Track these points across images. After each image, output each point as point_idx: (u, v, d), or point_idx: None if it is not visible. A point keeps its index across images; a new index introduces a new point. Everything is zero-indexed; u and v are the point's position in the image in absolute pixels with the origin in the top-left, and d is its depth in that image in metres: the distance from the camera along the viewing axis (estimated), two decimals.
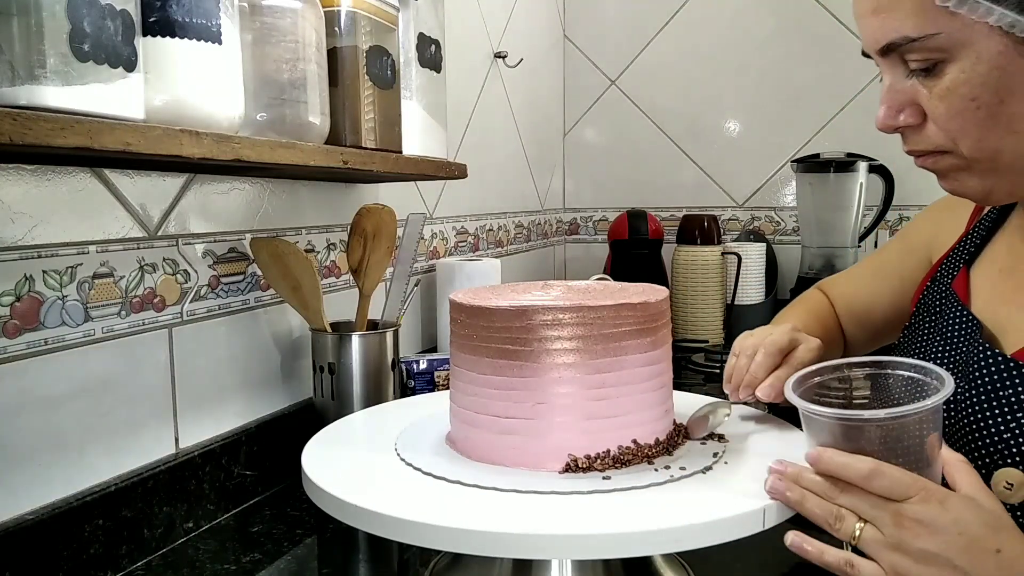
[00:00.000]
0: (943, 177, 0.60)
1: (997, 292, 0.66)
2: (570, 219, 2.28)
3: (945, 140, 0.57)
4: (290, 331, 1.01)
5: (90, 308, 0.72)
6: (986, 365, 0.61)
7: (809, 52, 1.95)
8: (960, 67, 0.53)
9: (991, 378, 0.60)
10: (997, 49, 0.52)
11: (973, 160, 0.56)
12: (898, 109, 0.58)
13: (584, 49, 2.20)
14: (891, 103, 0.58)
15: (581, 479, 0.58)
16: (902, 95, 0.57)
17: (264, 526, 0.84)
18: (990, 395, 0.59)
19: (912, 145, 0.60)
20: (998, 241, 0.69)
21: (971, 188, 0.59)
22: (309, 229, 1.05)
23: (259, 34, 0.73)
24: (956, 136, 0.56)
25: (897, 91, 0.57)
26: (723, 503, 0.53)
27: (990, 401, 0.59)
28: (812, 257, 1.85)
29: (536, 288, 0.71)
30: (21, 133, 0.47)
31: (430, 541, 0.51)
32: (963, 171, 0.58)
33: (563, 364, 0.60)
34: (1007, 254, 0.67)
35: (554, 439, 0.60)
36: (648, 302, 0.63)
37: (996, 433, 0.58)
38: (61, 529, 0.67)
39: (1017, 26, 0.50)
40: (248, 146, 0.67)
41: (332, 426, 0.75)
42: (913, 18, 0.53)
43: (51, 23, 0.48)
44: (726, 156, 2.08)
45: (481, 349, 0.62)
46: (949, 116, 0.55)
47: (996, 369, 0.60)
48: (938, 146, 0.57)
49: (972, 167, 0.57)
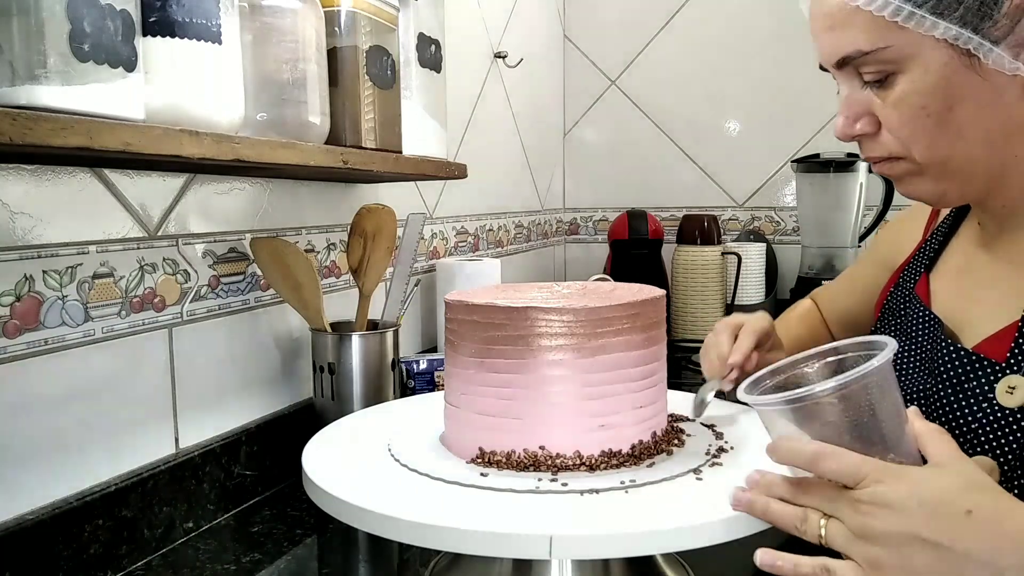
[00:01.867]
0: (899, 182, 0.64)
1: (955, 292, 0.69)
2: (570, 219, 2.28)
3: (899, 147, 0.60)
4: (290, 331, 1.01)
5: (90, 308, 0.72)
6: (949, 359, 0.64)
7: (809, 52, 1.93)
8: (910, 78, 0.57)
9: (955, 371, 0.63)
10: (943, 60, 0.55)
11: (925, 165, 0.60)
12: (855, 118, 0.62)
13: (584, 49, 2.19)
14: (848, 113, 0.62)
15: (580, 479, 0.58)
16: (858, 105, 0.61)
17: (264, 526, 0.84)
18: (955, 388, 0.62)
19: (869, 152, 0.63)
20: (953, 246, 0.73)
21: (925, 192, 0.63)
22: (309, 229, 1.05)
23: (259, 34, 0.73)
24: (908, 143, 0.59)
25: (853, 101, 0.61)
26: (723, 503, 0.53)
27: (956, 393, 0.62)
28: (812, 257, 1.85)
29: (532, 289, 0.72)
30: (21, 133, 0.47)
31: (430, 541, 0.51)
32: (917, 176, 0.62)
33: (557, 364, 0.60)
34: (962, 257, 0.71)
35: (549, 439, 0.60)
36: (640, 301, 0.63)
37: (964, 424, 0.61)
38: (61, 529, 0.67)
39: (960, 39, 0.54)
40: (248, 146, 0.67)
41: (332, 426, 0.76)
42: (866, 33, 0.57)
43: (51, 23, 0.48)
44: (726, 156, 2.08)
45: (475, 349, 0.62)
46: (901, 124, 0.59)
47: (959, 362, 0.63)
48: (892, 152, 0.61)
49: (925, 172, 0.61)
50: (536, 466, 0.60)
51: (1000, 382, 0.59)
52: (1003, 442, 0.58)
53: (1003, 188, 0.62)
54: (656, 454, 0.63)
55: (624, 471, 0.60)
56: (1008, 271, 0.64)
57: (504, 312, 0.61)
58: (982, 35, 0.54)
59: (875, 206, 1.83)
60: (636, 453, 0.62)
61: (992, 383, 0.60)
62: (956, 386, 0.62)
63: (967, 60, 0.55)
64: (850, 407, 0.50)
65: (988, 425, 0.59)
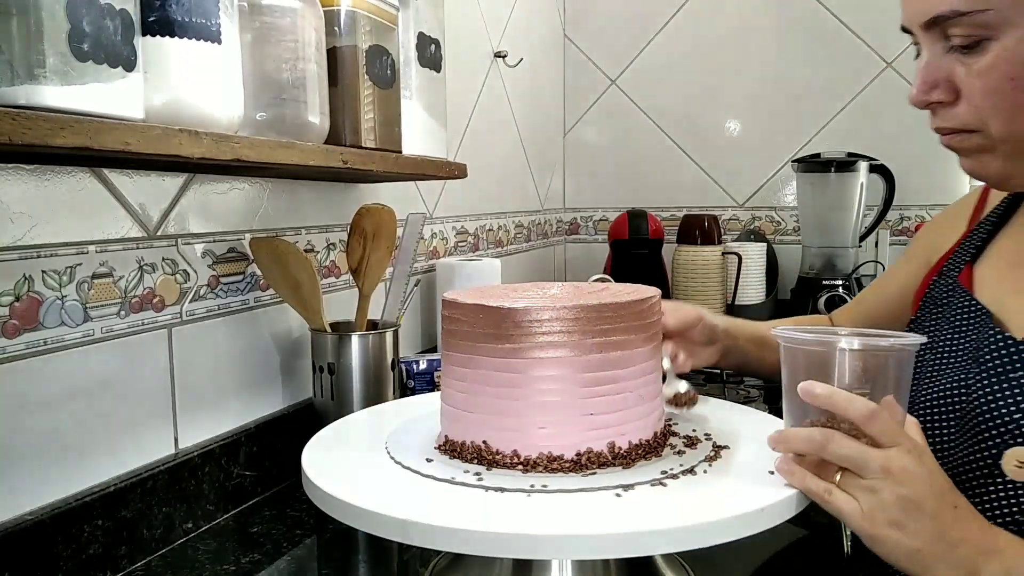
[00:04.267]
0: (966, 156, 0.61)
1: (1004, 283, 0.67)
2: (570, 219, 2.28)
3: (975, 119, 0.58)
4: (290, 331, 1.01)
5: (89, 308, 0.72)
6: (996, 348, 0.62)
7: (809, 52, 1.95)
8: (1003, 44, 0.54)
9: (1002, 360, 0.62)
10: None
11: (1000, 141, 0.58)
12: (933, 84, 0.59)
13: (584, 49, 2.19)
14: (927, 78, 0.59)
15: (578, 479, 0.58)
16: (939, 71, 0.58)
17: (264, 526, 0.84)
18: (1000, 377, 0.61)
19: (941, 122, 0.60)
20: (1003, 237, 0.71)
21: (992, 170, 0.61)
22: (309, 229, 1.05)
23: (259, 34, 0.73)
24: (988, 115, 0.57)
25: (935, 66, 0.58)
26: (723, 503, 0.53)
27: (1000, 383, 0.61)
28: (813, 257, 1.85)
29: (528, 289, 0.71)
30: (20, 133, 0.47)
31: (430, 541, 0.51)
32: (987, 152, 0.59)
33: (552, 363, 0.60)
34: (1013, 249, 0.69)
35: (546, 439, 0.60)
36: (635, 301, 0.63)
37: (1007, 414, 0.59)
38: (61, 529, 0.67)
39: None
40: (247, 146, 0.67)
41: (332, 426, 0.75)
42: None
43: (50, 23, 0.48)
44: (726, 156, 2.08)
45: (471, 349, 0.62)
46: (985, 94, 0.56)
47: (1007, 352, 0.62)
48: (967, 124, 0.58)
49: (997, 148, 0.58)
50: (534, 466, 0.60)
51: None
52: None
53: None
54: (654, 453, 0.63)
55: (623, 471, 0.60)
56: None
57: (499, 312, 0.61)
58: None
59: (875, 206, 1.83)
60: (634, 452, 0.62)
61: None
62: (1001, 375, 0.61)
63: None
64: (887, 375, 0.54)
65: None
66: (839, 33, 1.91)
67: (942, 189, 1.92)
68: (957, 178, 1.92)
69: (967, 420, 0.63)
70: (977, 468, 0.60)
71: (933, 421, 0.66)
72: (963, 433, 0.63)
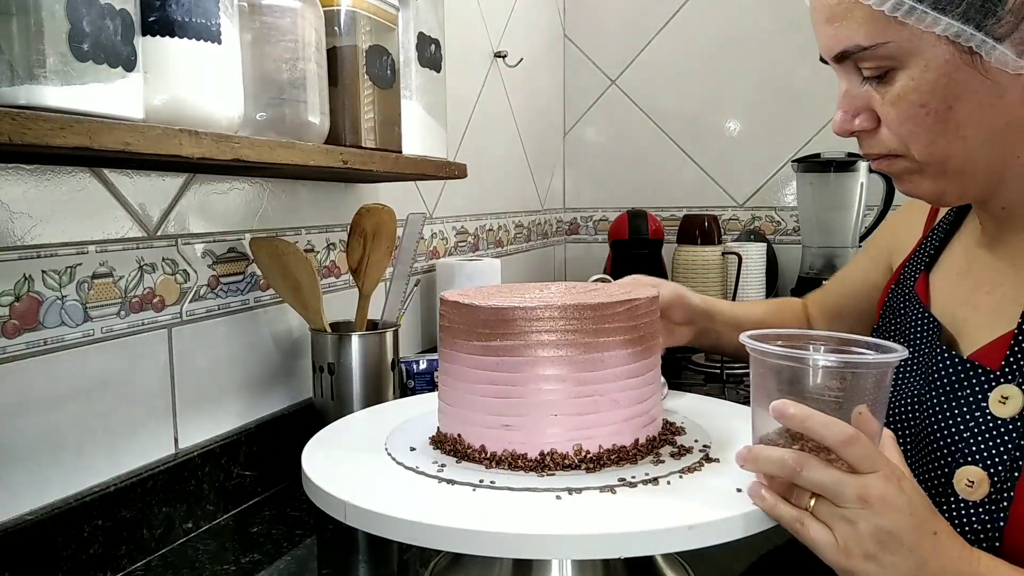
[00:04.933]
0: (899, 180, 0.63)
1: (955, 294, 0.68)
2: (570, 219, 2.28)
3: (898, 144, 0.59)
4: (290, 331, 1.01)
5: (89, 308, 0.72)
6: (944, 367, 0.62)
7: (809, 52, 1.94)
8: (910, 74, 0.56)
9: (949, 379, 0.62)
10: (944, 58, 0.54)
11: (924, 164, 0.59)
12: (854, 114, 0.61)
13: (584, 49, 2.19)
14: (847, 108, 0.61)
15: (578, 478, 0.58)
16: (857, 100, 0.60)
17: (264, 526, 0.84)
18: (948, 396, 0.61)
19: (868, 149, 0.62)
20: (955, 245, 0.72)
21: (924, 190, 0.62)
22: (309, 229, 1.05)
23: (259, 34, 0.73)
24: (907, 140, 0.58)
25: (852, 96, 0.60)
26: (723, 503, 0.53)
27: (949, 401, 0.61)
28: (813, 257, 1.85)
29: (526, 289, 0.71)
30: (20, 133, 0.47)
31: (430, 541, 0.51)
32: (916, 174, 0.61)
33: (549, 362, 0.60)
34: (963, 257, 0.69)
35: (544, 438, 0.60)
36: (633, 301, 0.63)
37: (956, 432, 0.59)
38: (60, 529, 0.67)
39: (962, 36, 0.53)
40: (247, 146, 0.67)
41: (332, 426, 0.75)
42: (865, 27, 0.56)
43: (50, 23, 0.48)
44: (726, 156, 2.08)
45: (469, 349, 0.63)
46: (900, 121, 0.57)
47: (954, 370, 0.62)
48: (891, 150, 0.60)
49: (924, 170, 0.60)
50: (533, 465, 0.60)
51: (994, 391, 0.58)
52: (994, 452, 0.57)
53: (1003, 189, 0.60)
54: (653, 453, 0.63)
55: (622, 470, 0.59)
56: (1008, 275, 0.63)
57: (496, 312, 0.61)
58: (985, 32, 0.52)
59: (876, 206, 1.83)
60: (633, 452, 0.62)
61: (986, 392, 0.58)
62: (950, 394, 0.61)
63: (969, 58, 0.53)
64: (855, 388, 0.52)
65: (980, 435, 0.58)
66: None
67: None
68: None
69: (919, 438, 0.63)
70: (931, 487, 0.60)
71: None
72: (917, 451, 0.63)
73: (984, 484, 0.56)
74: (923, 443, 0.62)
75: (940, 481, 0.60)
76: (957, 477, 0.58)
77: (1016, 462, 0.55)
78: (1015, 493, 0.55)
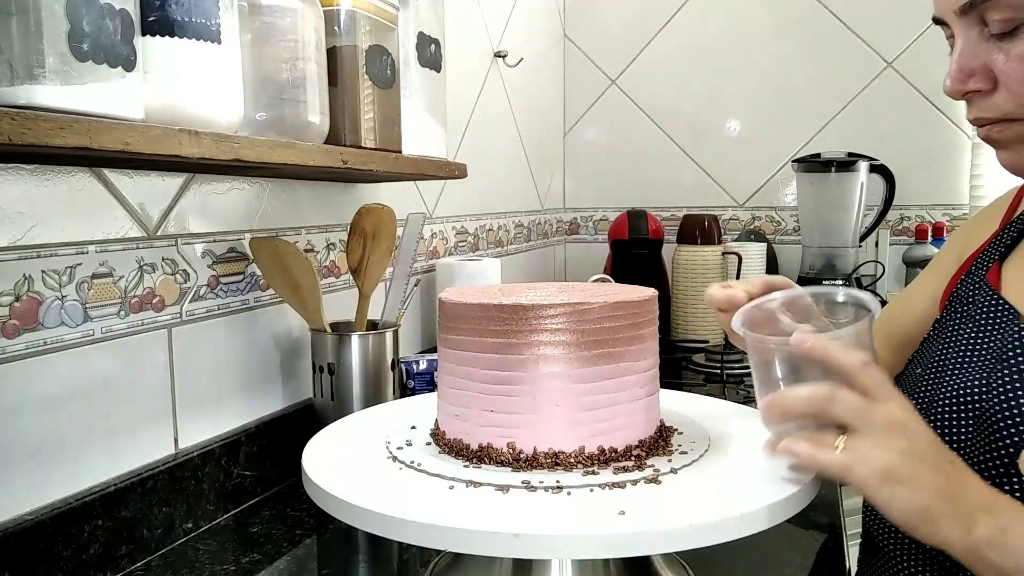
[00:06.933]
0: (1004, 148, 0.59)
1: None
2: (570, 219, 2.28)
3: (1016, 107, 0.55)
4: (290, 331, 1.01)
5: (89, 308, 0.72)
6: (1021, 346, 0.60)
7: (809, 52, 1.95)
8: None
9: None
10: None
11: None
12: (969, 73, 0.57)
13: (584, 49, 2.20)
14: (963, 66, 0.57)
15: (577, 478, 0.58)
16: (975, 58, 0.56)
17: (264, 526, 0.84)
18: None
19: (978, 112, 0.58)
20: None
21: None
22: (309, 229, 1.05)
23: (258, 33, 0.73)
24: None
25: (970, 54, 0.56)
26: (723, 503, 0.53)
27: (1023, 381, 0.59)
28: (813, 257, 1.85)
29: (525, 289, 0.71)
30: (20, 133, 0.47)
31: (430, 541, 0.51)
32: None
33: (548, 361, 0.60)
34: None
35: (544, 437, 0.60)
36: (631, 301, 0.63)
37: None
38: (60, 529, 0.67)
39: None
40: (247, 146, 0.67)
41: (332, 426, 0.75)
42: None
43: (50, 22, 0.48)
44: (726, 156, 2.08)
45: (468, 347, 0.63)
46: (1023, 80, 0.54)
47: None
48: (1007, 113, 0.56)
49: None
50: (533, 465, 0.60)
51: None
52: None
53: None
54: (652, 453, 0.63)
55: (621, 470, 0.59)
56: None
57: (495, 310, 0.61)
58: None
59: (876, 206, 1.83)
60: (632, 452, 0.62)
61: None
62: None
63: None
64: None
65: None
66: (839, 33, 1.91)
67: (942, 189, 1.92)
68: (957, 178, 1.92)
69: (985, 419, 0.61)
70: (993, 467, 0.59)
71: (951, 419, 0.64)
72: (980, 432, 0.62)
73: None
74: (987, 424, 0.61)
75: (1004, 462, 0.58)
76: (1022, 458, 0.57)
77: None
78: None
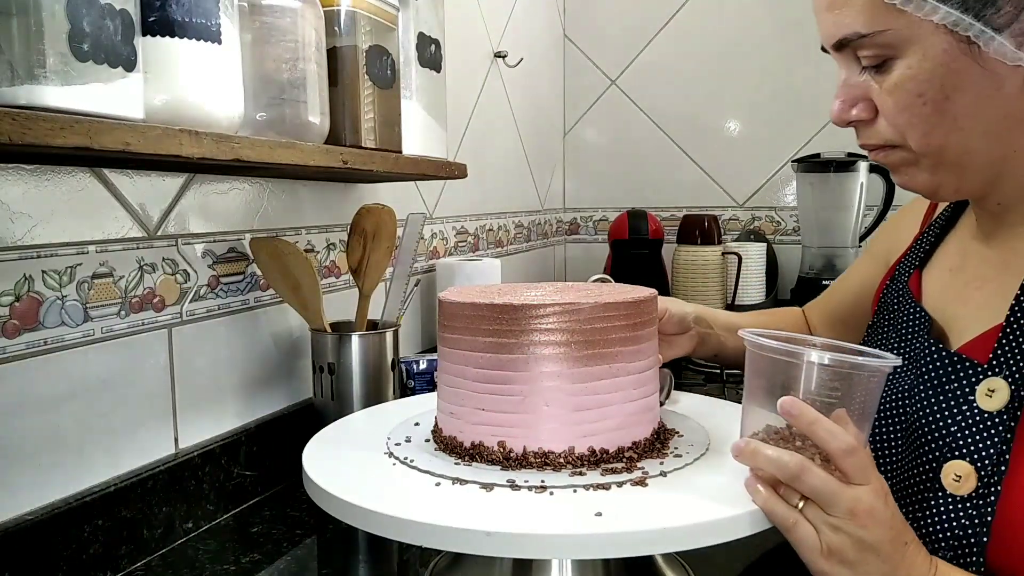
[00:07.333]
0: (895, 172, 0.62)
1: (946, 290, 0.68)
2: (570, 219, 2.28)
3: (894, 135, 0.59)
4: (290, 331, 1.01)
5: (89, 308, 0.72)
6: (932, 360, 0.63)
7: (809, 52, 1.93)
8: (908, 63, 0.55)
9: (937, 373, 0.62)
10: (942, 47, 0.54)
11: (920, 155, 0.59)
12: (851, 103, 0.60)
13: (584, 49, 2.19)
14: (845, 97, 0.60)
15: (576, 478, 0.58)
16: (855, 90, 0.60)
17: (264, 526, 0.84)
18: (937, 389, 0.61)
19: (864, 139, 0.62)
20: (949, 242, 0.71)
21: (920, 182, 0.61)
22: (309, 229, 1.05)
23: (259, 34, 0.73)
24: (904, 130, 0.58)
25: (851, 86, 0.60)
26: (723, 503, 0.53)
27: (937, 395, 0.61)
28: (812, 257, 1.85)
29: (524, 289, 0.72)
30: (20, 133, 0.47)
31: (430, 541, 0.51)
32: (912, 166, 0.60)
33: (547, 361, 0.60)
34: (956, 254, 0.69)
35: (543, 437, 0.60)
36: (630, 301, 0.63)
37: (944, 426, 0.59)
38: (60, 529, 0.67)
39: (960, 25, 0.52)
40: (248, 146, 0.67)
41: (332, 426, 0.75)
42: (864, 15, 0.55)
43: (50, 23, 0.48)
44: (726, 156, 2.08)
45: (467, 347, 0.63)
46: (897, 111, 0.57)
47: (942, 364, 0.62)
48: (888, 140, 0.60)
49: (920, 162, 0.59)
50: (522, 464, 0.60)
51: (981, 385, 0.58)
52: (981, 446, 0.57)
53: (1000, 184, 0.60)
54: (646, 455, 0.63)
55: (609, 472, 0.59)
56: (999, 271, 0.63)
57: (487, 309, 0.61)
58: (984, 22, 0.52)
59: (875, 206, 1.83)
60: (624, 453, 0.62)
61: (973, 385, 0.58)
62: (938, 388, 0.61)
63: (967, 48, 0.53)
64: (856, 396, 0.53)
65: (967, 428, 0.58)
66: None
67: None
68: None
69: (907, 432, 0.63)
70: (919, 482, 0.60)
71: (881, 433, 0.66)
72: (906, 446, 0.63)
73: (971, 478, 0.56)
74: (912, 438, 0.62)
75: (928, 476, 0.60)
76: (944, 472, 0.58)
77: (1003, 456, 0.55)
78: (1002, 487, 0.55)
